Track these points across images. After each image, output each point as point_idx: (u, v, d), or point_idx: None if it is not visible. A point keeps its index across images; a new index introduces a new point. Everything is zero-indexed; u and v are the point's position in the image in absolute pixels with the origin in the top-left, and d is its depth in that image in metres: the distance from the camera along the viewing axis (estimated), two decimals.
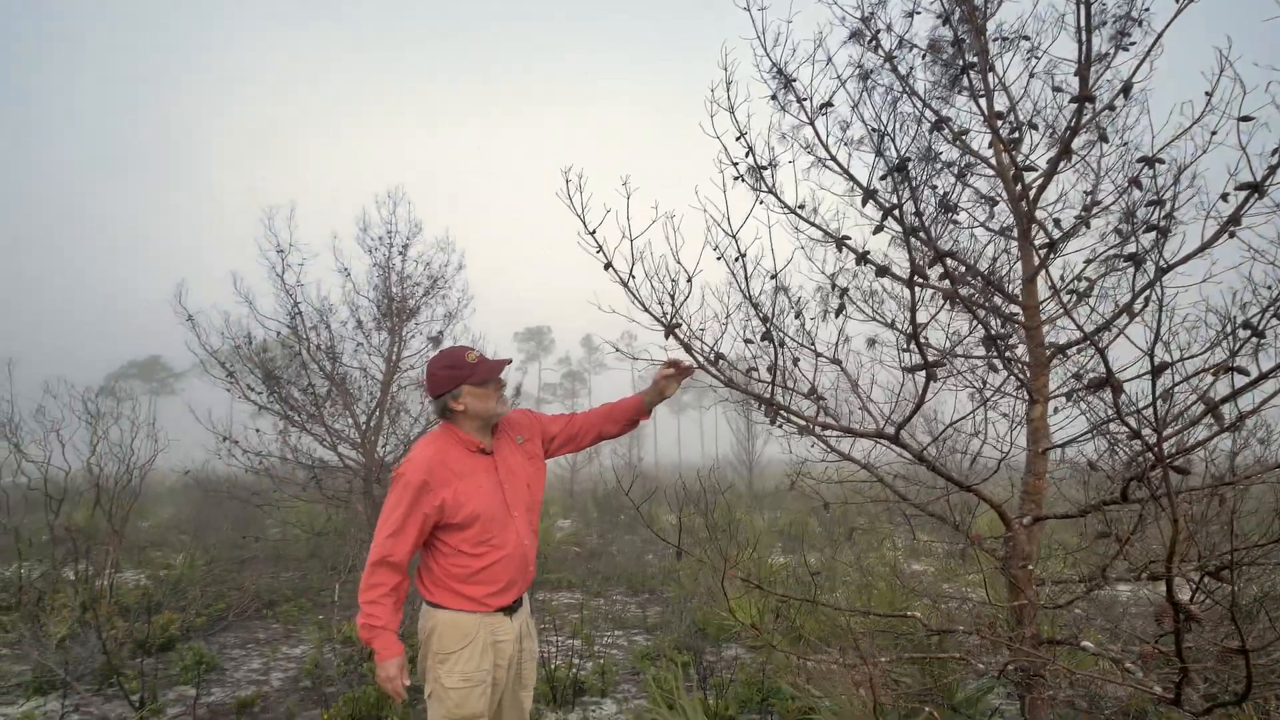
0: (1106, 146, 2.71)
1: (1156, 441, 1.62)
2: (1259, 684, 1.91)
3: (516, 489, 2.38)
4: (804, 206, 2.69)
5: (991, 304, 2.73)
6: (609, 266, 2.48)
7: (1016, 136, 2.67)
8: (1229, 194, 2.14)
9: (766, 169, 2.60)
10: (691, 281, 2.46)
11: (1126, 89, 2.32)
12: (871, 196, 2.40)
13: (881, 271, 2.51)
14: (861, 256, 2.51)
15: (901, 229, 2.28)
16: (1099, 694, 2.99)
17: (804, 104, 2.53)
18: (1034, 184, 2.54)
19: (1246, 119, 1.93)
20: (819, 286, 2.87)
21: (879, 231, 2.45)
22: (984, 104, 2.56)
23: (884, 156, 2.33)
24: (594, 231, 2.43)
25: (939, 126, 2.63)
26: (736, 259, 2.45)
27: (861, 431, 2.51)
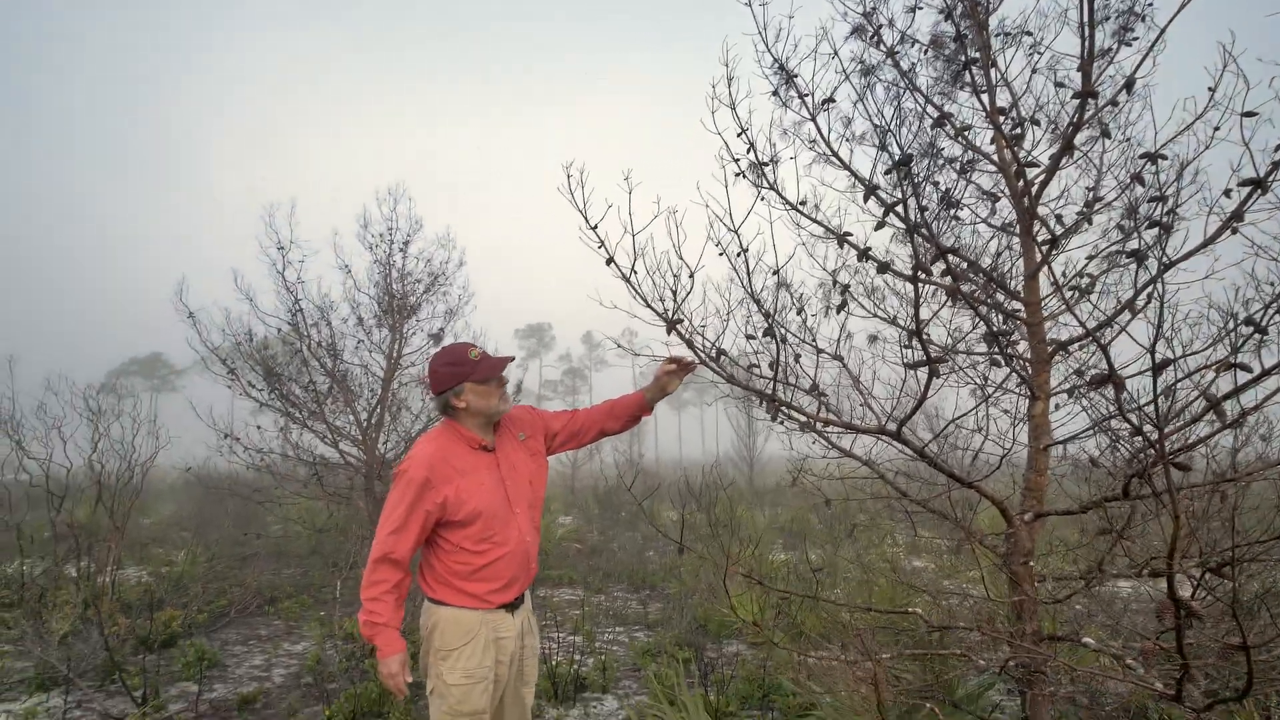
0: (1109, 142, 2.70)
1: (1158, 438, 1.62)
2: (1260, 680, 1.92)
3: (518, 486, 2.38)
4: (805, 203, 2.69)
5: (993, 300, 2.72)
6: (611, 262, 2.48)
7: (1019, 132, 2.67)
8: (1232, 190, 2.14)
9: (768, 165, 2.59)
10: (693, 277, 2.45)
11: (1129, 85, 2.31)
12: (874, 192, 2.40)
13: (883, 268, 2.50)
14: (863, 253, 2.50)
15: (904, 225, 2.28)
16: (1100, 690, 3.00)
17: (805, 100, 2.52)
18: (1036, 180, 2.53)
19: (1250, 114, 1.92)
20: (821, 283, 2.87)
21: (881, 228, 2.45)
22: (986, 100, 2.55)
23: (887, 151, 2.33)
24: (595, 226, 2.43)
25: (941, 122, 2.62)
26: (739, 255, 2.45)
27: (863, 428, 2.50)
